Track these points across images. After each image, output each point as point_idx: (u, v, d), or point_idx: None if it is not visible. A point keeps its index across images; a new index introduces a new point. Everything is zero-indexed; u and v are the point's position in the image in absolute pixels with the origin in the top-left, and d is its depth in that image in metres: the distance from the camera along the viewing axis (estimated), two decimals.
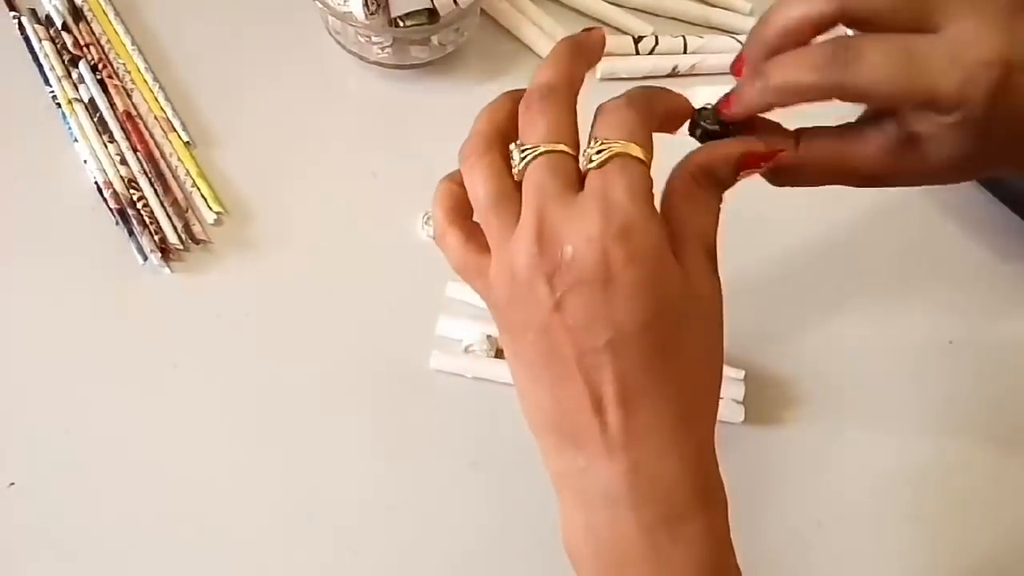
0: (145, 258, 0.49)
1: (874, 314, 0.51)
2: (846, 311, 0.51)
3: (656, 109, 0.33)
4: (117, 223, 0.49)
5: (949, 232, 0.54)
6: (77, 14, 0.57)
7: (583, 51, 0.34)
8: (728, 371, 0.47)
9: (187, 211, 0.51)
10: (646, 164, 0.30)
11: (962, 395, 0.48)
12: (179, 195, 0.51)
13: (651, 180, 0.30)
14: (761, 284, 0.51)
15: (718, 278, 0.32)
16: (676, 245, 0.30)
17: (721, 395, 0.46)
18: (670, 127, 0.34)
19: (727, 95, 0.34)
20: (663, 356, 0.30)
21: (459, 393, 0.46)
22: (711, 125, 0.34)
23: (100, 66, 0.55)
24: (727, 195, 0.33)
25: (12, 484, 0.43)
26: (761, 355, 0.48)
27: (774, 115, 0.35)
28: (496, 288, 0.31)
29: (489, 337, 0.47)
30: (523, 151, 0.31)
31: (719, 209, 0.33)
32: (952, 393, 0.48)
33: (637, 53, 0.59)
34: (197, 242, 0.50)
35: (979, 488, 0.46)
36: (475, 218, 0.32)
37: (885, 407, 0.48)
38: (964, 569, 0.44)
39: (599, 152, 0.30)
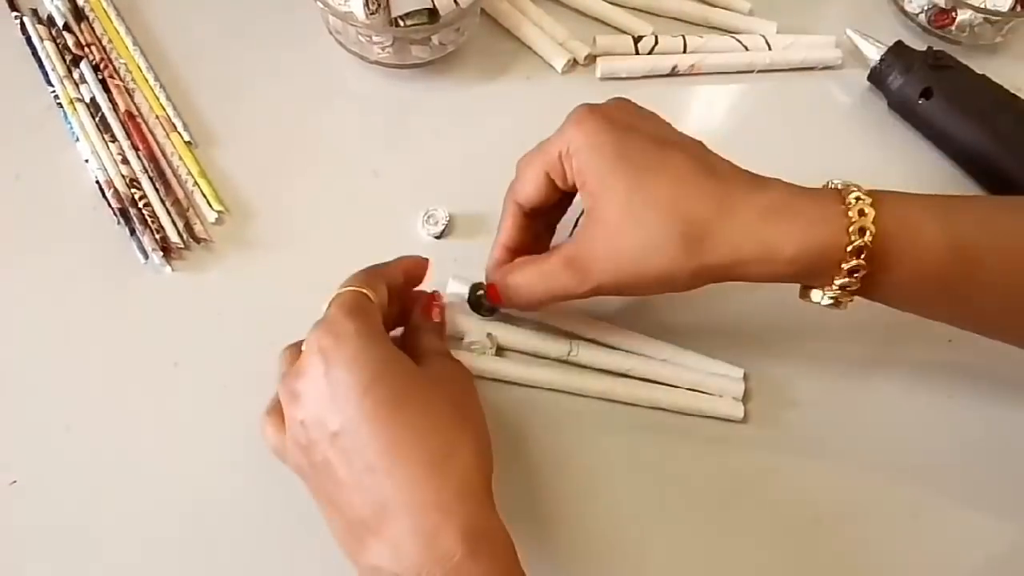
0: (146, 257, 0.49)
1: (873, 312, 0.51)
2: (843, 314, 0.51)
3: (391, 270, 0.42)
4: (118, 222, 0.50)
5: None
6: (78, 14, 0.57)
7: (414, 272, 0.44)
8: (727, 369, 0.47)
9: (188, 210, 0.51)
10: (364, 295, 0.39)
11: (962, 393, 0.48)
12: (180, 194, 0.51)
13: (363, 301, 0.38)
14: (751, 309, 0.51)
15: (455, 362, 0.42)
16: (418, 355, 0.40)
17: (720, 394, 0.46)
18: (414, 280, 0.44)
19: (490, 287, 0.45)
20: (392, 412, 0.35)
21: None
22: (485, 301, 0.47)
23: (102, 66, 0.55)
24: None
25: (14, 482, 0.43)
26: (761, 353, 0.48)
27: None
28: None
29: (490, 335, 0.47)
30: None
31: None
32: (952, 391, 0.49)
33: (637, 53, 0.59)
34: (198, 241, 0.50)
35: (979, 487, 0.46)
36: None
37: (884, 405, 0.48)
38: (964, 567, 0.44)
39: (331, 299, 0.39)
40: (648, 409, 0.47)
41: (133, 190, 0.50)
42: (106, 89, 0.54)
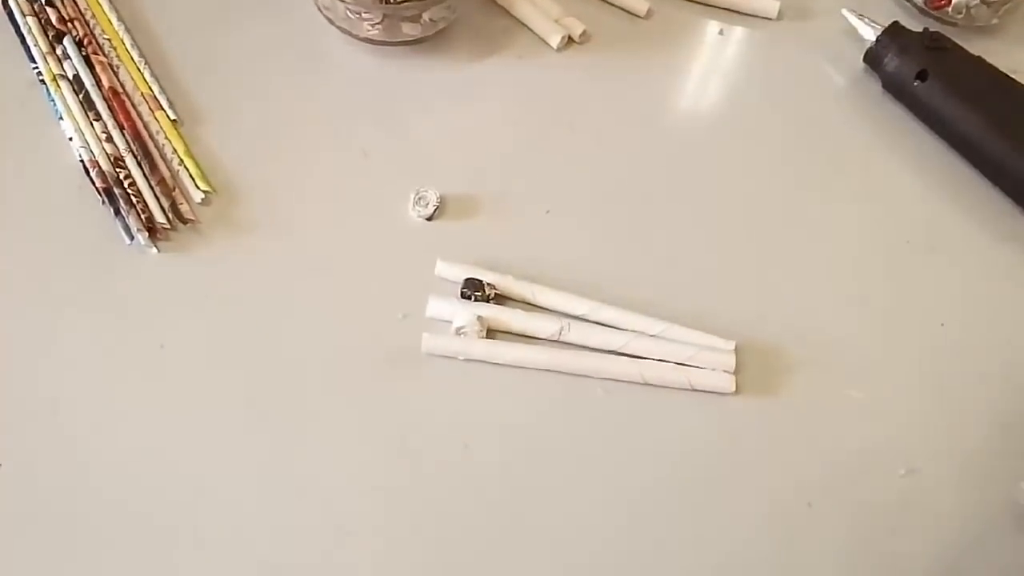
0: (132, 238, 0.48)
1: (865, 296, 0.51)
2: (834, 298, 0.51)
3: None
4: (103, 202, 0.49)
5: (943, 215, 0.54)
6: None
7: None
8: (718, 342, 0.47)
9: (174, 190, 0.50)
10: None
11: (954, 377, 0.48)
12: (166, 174, 0.51)
13: None
14: (745, 281, 0.51)
15: None
16: None
17: (712, 367, 0.46)
18: None
19: None
20: None
21: (449, 374, 0.46)
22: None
23: (85, 42, 0.54)
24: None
25: None
26: (754, 326, 0.48)
27: None
28: None
29: (480, 318, 0.46)
30: None
31: None
32: (944, 376, 0.48)
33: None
34: (184, 221, 0.49)
35: (971, 469, 0.46)
36: None
37: (875, 388, 0.48)
38: (956, 548, 0.44)
39: None
40: (641, 385, 0.46)
41: (118, 169, 0.50)
42: (90, 66, 0.53)
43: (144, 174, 0.50)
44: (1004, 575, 0.44)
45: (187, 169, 0.51)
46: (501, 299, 0.48)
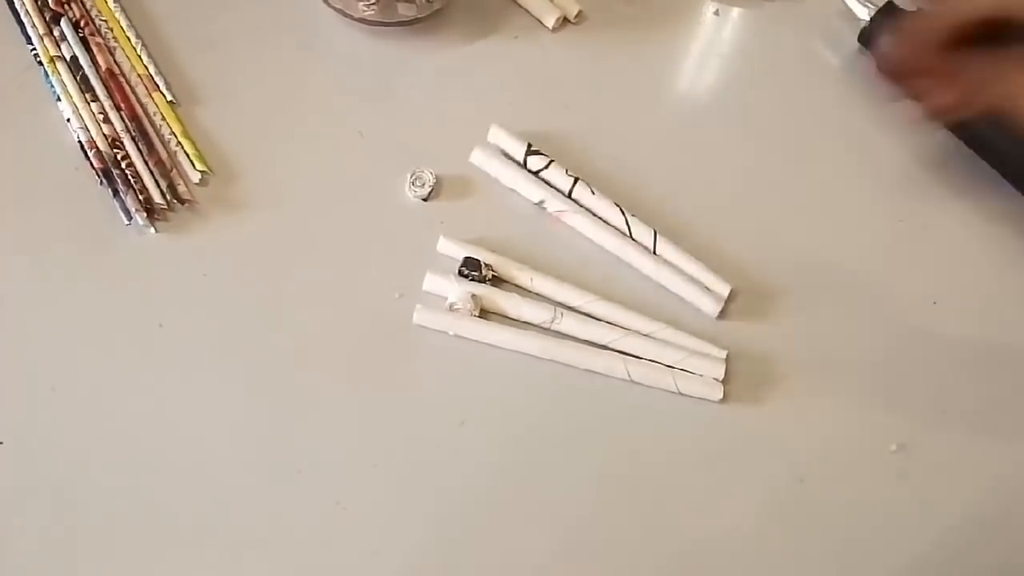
0: (130, 218, 0.48)
1: (859, 273, 0.51)
2: (831, 277, 0.51)
3: None
4: (101, 183, 0.49)
5: (936, 194, 0.54)
6: None
7: None
8: (710, 349, 0.47)
9: (172, 171, 0.50)
10: None
11: (946, 354, 0.49)
12: (163, 154, 0.51)
13: None
14: (742, 259, 0.51)
15: None
16: None
17: (700, 373, 0.46)
18: None
19: None
20: None
21: (446, 353, 0.47)
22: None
23: (82, 23, 0.54)
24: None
25: (0, 444, 0.43)
26: (742, 332, 0.48)
27: None
28: None
29: (474, 296, 0.47)
30: None
31: None
32: (936, 353, 0.49)
33: None
34: (182, 202, 0.50)
35: (963, 446, 0.46)
36: None
37: (868, 369, 0.48)
38: (947, 526, 0.45)
39: None
40: (628, 382, 0.46)
41: (115, 150, 0.50)
42: (87, 47, 0.53)
43: (142, 155, 0.50)
44: (996, 548, 0.44)
45: (184, 150, 0.51)
46: (498, 281, 0.48)
